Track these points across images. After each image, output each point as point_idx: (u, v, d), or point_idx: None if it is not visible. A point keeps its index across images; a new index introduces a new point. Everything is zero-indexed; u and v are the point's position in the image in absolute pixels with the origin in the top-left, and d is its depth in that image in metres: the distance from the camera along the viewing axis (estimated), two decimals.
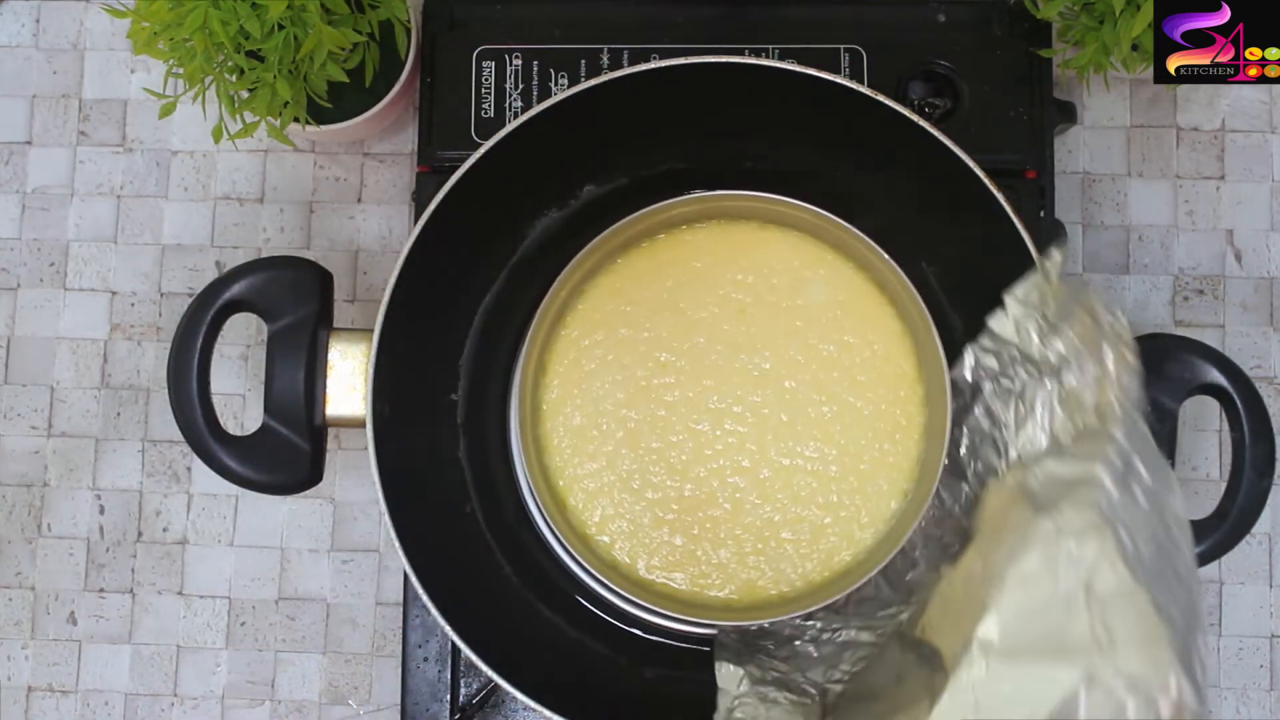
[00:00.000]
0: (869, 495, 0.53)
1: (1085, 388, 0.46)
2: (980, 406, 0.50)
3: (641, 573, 0.53)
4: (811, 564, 0.52)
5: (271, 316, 0.52)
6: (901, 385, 0.53)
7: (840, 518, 0.53)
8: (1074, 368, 0.47)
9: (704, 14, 0.62)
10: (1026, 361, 0.49)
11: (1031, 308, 0.49)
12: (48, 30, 0.68)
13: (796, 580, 0.53)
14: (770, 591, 0.52)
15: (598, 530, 0.53)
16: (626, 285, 0.54)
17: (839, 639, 0.51)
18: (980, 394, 0.51)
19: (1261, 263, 0.65)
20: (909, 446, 0.53)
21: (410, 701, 0.59)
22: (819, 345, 0.54)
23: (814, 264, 0.54)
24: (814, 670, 0.51)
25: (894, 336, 0.54)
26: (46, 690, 0.65)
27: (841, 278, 0.54)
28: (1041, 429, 0.48)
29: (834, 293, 0.54)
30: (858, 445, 0.53)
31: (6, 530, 0.66)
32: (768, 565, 0.53)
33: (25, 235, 0.67)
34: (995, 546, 0.44)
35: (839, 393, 0.53)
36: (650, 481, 0.53)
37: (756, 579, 0.53)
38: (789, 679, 0.50)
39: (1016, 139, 0.60)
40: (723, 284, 0.54)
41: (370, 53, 0.59)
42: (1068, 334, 0.47)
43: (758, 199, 0.52)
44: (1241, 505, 0.50)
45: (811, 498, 0.53)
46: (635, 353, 0.54)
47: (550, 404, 0.54)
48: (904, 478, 0.53)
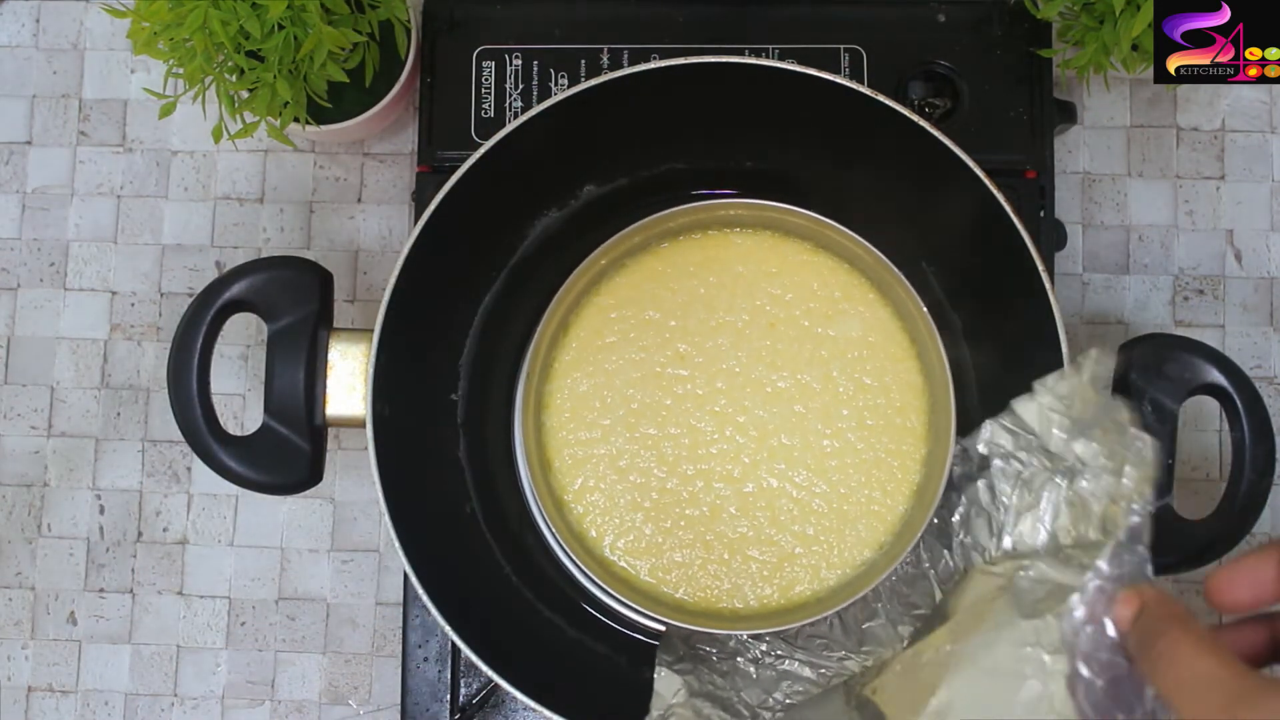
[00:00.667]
0: (845, 538, 0.53)
1: (1096, 498, 0.45)
2: (985, 480, 0.49)
3: (606, 552, 0.53)
4: (770, 588, 0.52)
5: (271, 316, 0.52)
6: (906, 440, 0.53)
7: (811, 551, 0.53)
8: (1090, 474, 0.45)
9: (704, 14, 0.62)
10: (1043, 452, 0.47)
11: (1059, 400, 0.47)
12: (48, 30, 0.68)
13: (752, 600, 0.52)
14: (722, 604, 0.52)
15: (574, 499, 0.53)
16: (667, 271, 0.54)
17: (780, 666, 0.51)
18: (989, 468, 0.49)
19: (1261, 263, 0.65)
20: (897, 502, 0.53)
21: (410, 701, 0.59)
22: (838, 379, 0.54)
23: (854, 298, 0.54)
24: (749, 691, 0.50)
25: (912, 391, 0.54)
26: (46, 690, 0.65)
27: (877, 319, 0.54)
28: (1043, 524, 0.47)
29: (866, 332, 0.54)
30: (848, 486, 0.53)
31: (6, 530, 0.66)
32: (728, 578, 0.53)
33: (25, 235, 0.67)
34: (970, 633, 0.43)
35: (844, 430, 0.53)
36: (637, 465, 0.53)
37: (713, 588, 0.52)
38: (724, 696, 0.49)
39: (1016, 139, 0.60)
40: (760, 295, 0.54)
41: (370, 53, 0.59)
42: (1091, 441, 0.45)
43: (815, 220, 0.52)
44: (1241, 505, 0.50)
45: (788, 524, 0.53)
46: (658, 337, 0.54)
47: (563, 365, 0.54)
48: (884, 530, 0.53)
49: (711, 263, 0.54)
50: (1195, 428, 0.65)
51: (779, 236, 0.55)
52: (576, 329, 0.54)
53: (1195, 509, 0.52)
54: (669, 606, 0.52)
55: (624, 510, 0.53)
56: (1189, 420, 0.64)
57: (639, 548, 0.53)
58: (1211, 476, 0.64)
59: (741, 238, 0.55)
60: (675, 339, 0.54)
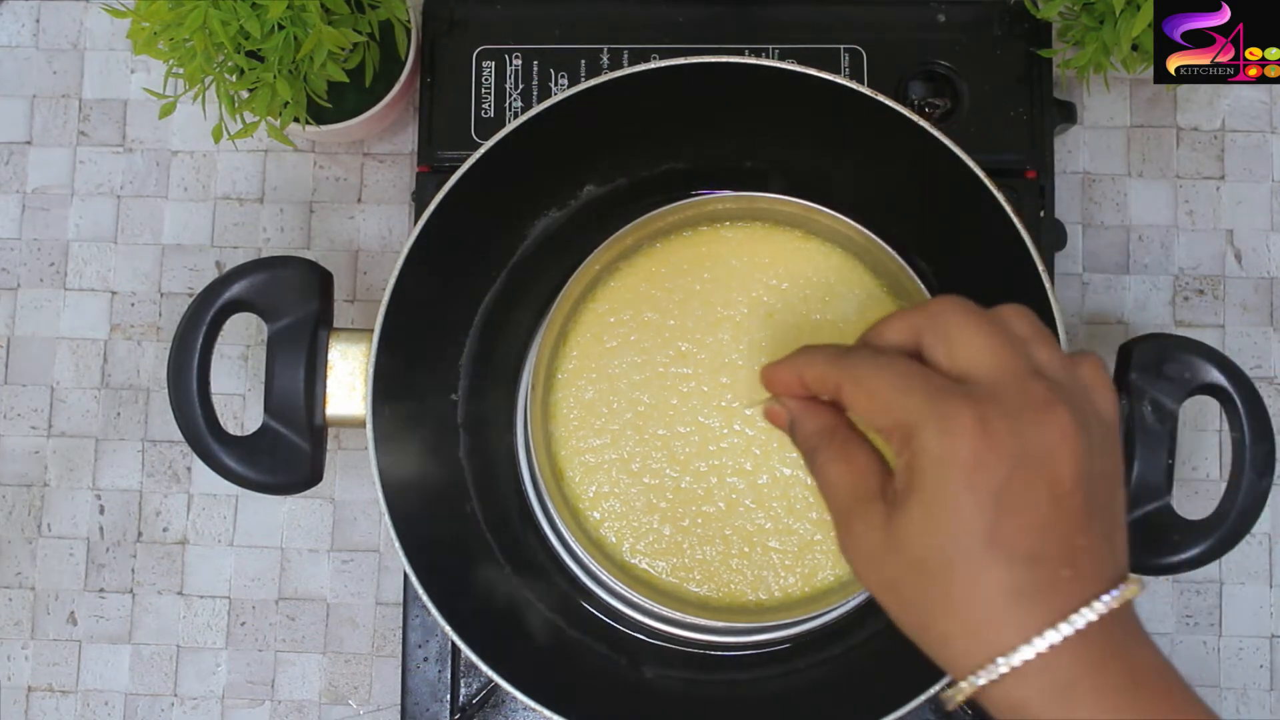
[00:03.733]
0: None
1: None
2: None
3: (625, 555, 0.53)
4: (794, 578, 0.52)
5: (271, 316, 0.52)
6: None
7: (830, 537, 0.52)
8: None
9: (704, 14, 0.62)
10: None
11: None
12: (48, 30, 0.68)
13: (776, 590, 0.52)
14: (748, 597, 0.52)
15: (590, 506, 0.53)
16: (661, 270, 0.54)
17: None
18: None
19: (1261, 263, 0.65)
20: None
21: (410, 701, 0.59)
22: None
23: (848, 281, 0.54)
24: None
25: None
26: (46, 690, 0.65)
27: (873, 298, 0.54)
28: None
29: (863, 311, 0.54)
30: None
31: (6, 530, 0.66)
32: (750, 570, 0.52)
33: (25, 235, 0.67)
34: None
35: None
36: (650, 467, 0.53)
37: (736, 582, 0.52)
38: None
39: (1016, 139, 0.60)
40: (756, 286, 0.54)
41: (370, 53, 0.59)
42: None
43: (803, 207, 0.51)
44: (1241, 505, 0.50)
45: (805, 512, 0.53)
46: (658, 338, 0.54)
47: (566, 374, 0.54)
48: None
49: (705, 259, 0.54)
50: (1195, 428, 0.65)
51: (770, 226, 0.54)
52: (576, 337, 0.54)
53: (1195, 509, 0.52)
54: (693, 604, 0.52)
55: (640, 513, 0.53)
56: (1189, 420, 0.64)
57: (658, 548, 0.53)
58: (1211, 476, 0.64)
59: (732, 231, 0.55)
60: (675, 338, 0.54)
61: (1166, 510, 0.50)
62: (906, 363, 0.37)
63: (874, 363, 0.37)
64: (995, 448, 0.34)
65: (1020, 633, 0.33)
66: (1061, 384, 0.35)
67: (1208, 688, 0.63)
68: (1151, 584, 0.64)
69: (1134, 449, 0.50)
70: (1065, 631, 0.33)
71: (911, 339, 0.38)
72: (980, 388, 0.35)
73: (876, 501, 0.36)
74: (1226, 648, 0.63)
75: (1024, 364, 0.35)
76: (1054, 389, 0.35)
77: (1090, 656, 0.33)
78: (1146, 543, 0.50)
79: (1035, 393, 0.35)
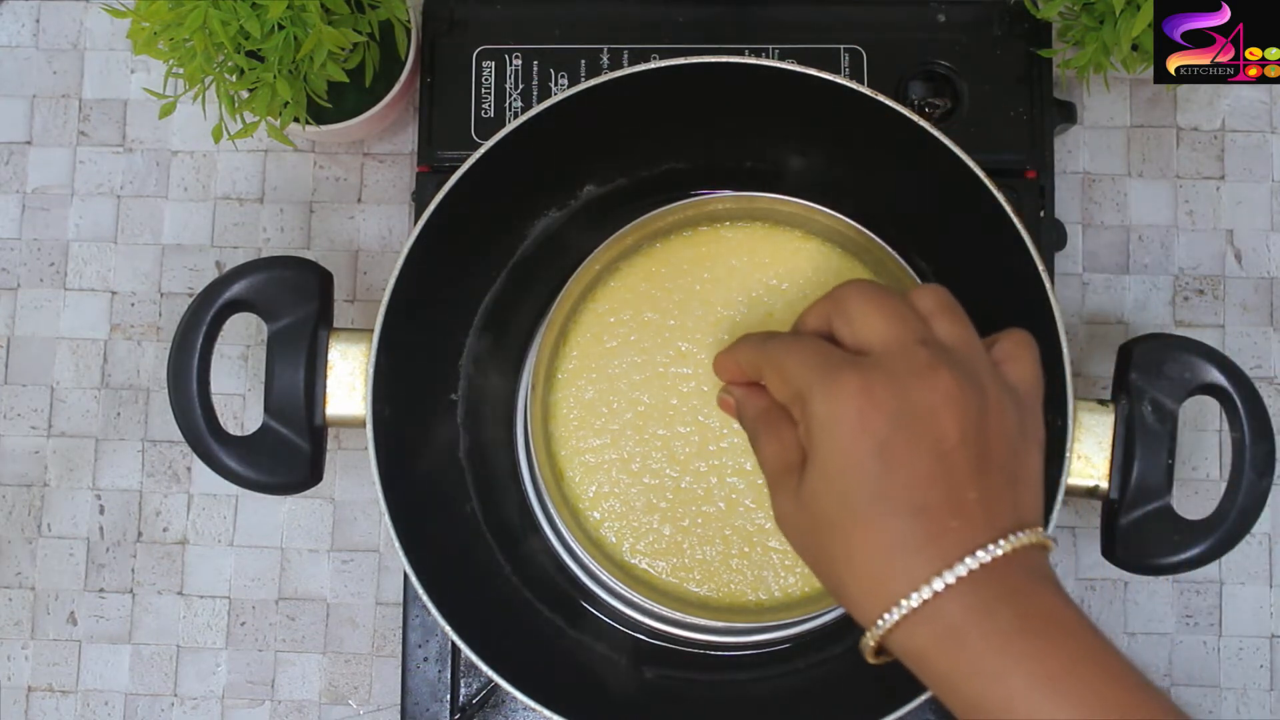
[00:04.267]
0: None
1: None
2: None
3: (625, 555, 0.53)
4: (794, 578, 0.52)
5: (271, 316, 0.52)
6: None
7: None
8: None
9: (704, 14, 0.62)
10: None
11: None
12: (48, 30, 0.68)
13: (776, 590, 0.52)
14: (748, 597, 0.52)
15: (590, 506, 0.53)
16: (661, 270, 0.54)
17: None
18: None
19: (1261, 263, 0.65)
20: None
21: (410, 701, 0.59)
22: None
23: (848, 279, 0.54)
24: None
25: None
26: (46, 690, 0.65)
27: None
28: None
29: None
30: None
31: (6, 530, 0.66)
32: (750, 570, 0.52)
33: (25, 235, 0.67)
34: None
35: None
36: (650, 467, 0.53)
37: (737, 582, 0.52)
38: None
39: (1016, 139, 0.60)
40: (755, 286, 0.54)
41: (370, 53, 0.59)
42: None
43: (803, 207, 0.51)
44: (1241, 505, 0.50)
45: None
46: (658, 337, 0.54)
47: (566, 374, 0.54)
48: None
49: (704, 259, 0.54)
50: (1195, 428, 0.65)
51: (769, 226, 0.54)
52: (576, 337, 0.54)
53: (1195, 509, 0.52)
54: (694, 604, 0.52)
55: (640, 513, 0.53)
56: (1189, 420, 0.64)
57: (658, 548, 0.53)
58: (1211, 476, 0.64)
59: (732, 231, 0.55)
60: (675, 338, 0.54)
61: (1166, 510, 0.50)
62: (814, 341, 0.40)
63: (785, 343, 0.40)
64: (878, 406, 0.36)
65: (909, 581, 0.35)
66: (950, 349, 0.38)
67: (1208, 688, 0.63)
68: (1151, 584, 0.64)
69: (1134, 449, 0.50)
70: (948, 579, 0.35)
71: (825, 322, 0.41)
72: (870, 358, 0.38)
73: (794, 472, 0.39)
74: (1226, 648, 0.63)
75: (914, 334, 0.38)
76: (939, 354, 0.37)
77: (978, 603, 0.35)
78: (1146, 543, 0.50)
79: (919, 357, 0.37)
